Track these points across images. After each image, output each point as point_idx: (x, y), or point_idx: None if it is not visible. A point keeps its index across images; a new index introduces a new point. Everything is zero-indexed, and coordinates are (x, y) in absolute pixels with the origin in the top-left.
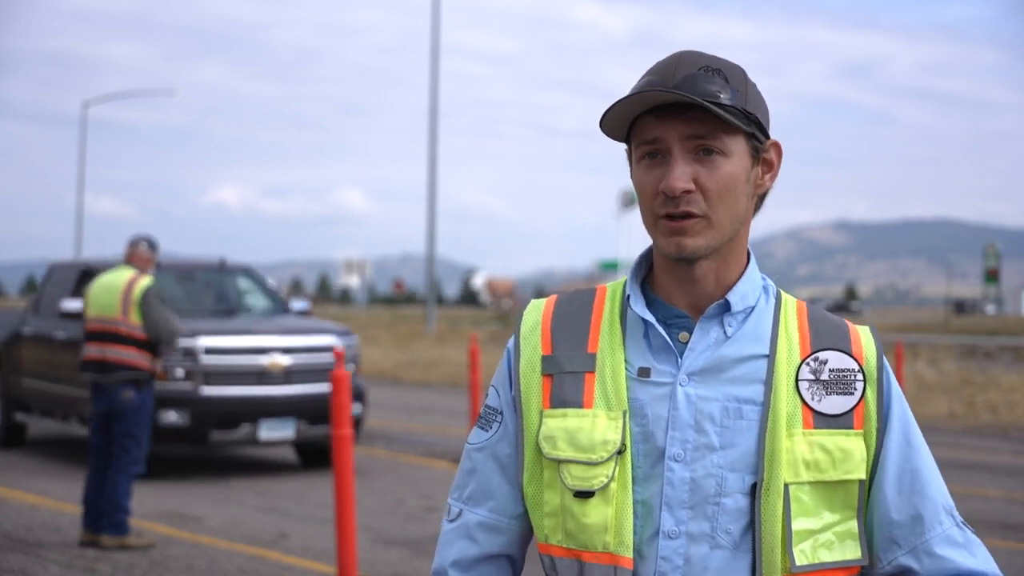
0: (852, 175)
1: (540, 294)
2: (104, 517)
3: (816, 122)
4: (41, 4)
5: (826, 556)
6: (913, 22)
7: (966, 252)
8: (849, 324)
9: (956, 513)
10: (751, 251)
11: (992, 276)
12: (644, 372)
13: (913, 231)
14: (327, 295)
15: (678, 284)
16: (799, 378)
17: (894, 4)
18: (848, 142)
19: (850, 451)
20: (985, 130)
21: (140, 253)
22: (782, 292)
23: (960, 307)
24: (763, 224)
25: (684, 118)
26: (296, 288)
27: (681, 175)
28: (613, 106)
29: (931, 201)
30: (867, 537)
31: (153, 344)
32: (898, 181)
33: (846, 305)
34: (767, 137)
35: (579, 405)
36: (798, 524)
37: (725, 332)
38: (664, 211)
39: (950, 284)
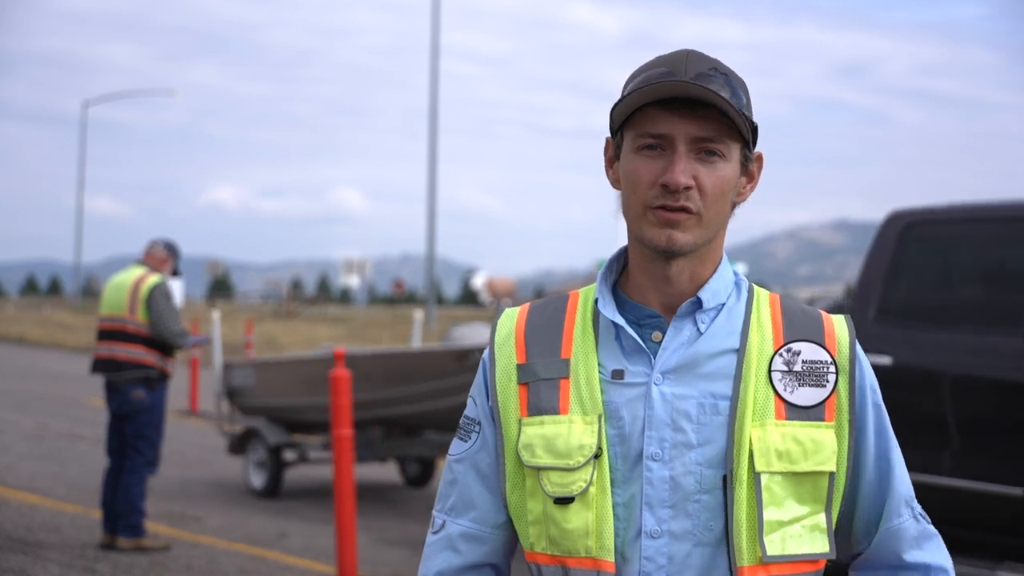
0: (850, 175)
1: (540, 294)
2: (119, 519)
3: (811, 122)
4: (39, 5)
5: (794, 548)
6: (907, 22)
7: None
8: (824, 315)
9: (915, 504)
10: (725, 253)
11: None
12: (618, 374)
13: None
14: (327, 295)
15: (652, 283)
16: (772, 369)
17: (888, 4)
18: (845, 142)
19: (822, 443)
20: (981, 130)
21: (155, 253)
22: (755, 287)
23: None
24: (763, 224)
25: (694, 116)
26: (297, 288)
27: (685, 171)
28: (632, 93)
29: (929, 201)
30: (848, 528)
31: (160, 343)
32: (895, 181)
33: None
34: (754, 148)
35: (555, 412)
36: (769, 514)
37: (698, 329)
38: (659, 203)
39: None
